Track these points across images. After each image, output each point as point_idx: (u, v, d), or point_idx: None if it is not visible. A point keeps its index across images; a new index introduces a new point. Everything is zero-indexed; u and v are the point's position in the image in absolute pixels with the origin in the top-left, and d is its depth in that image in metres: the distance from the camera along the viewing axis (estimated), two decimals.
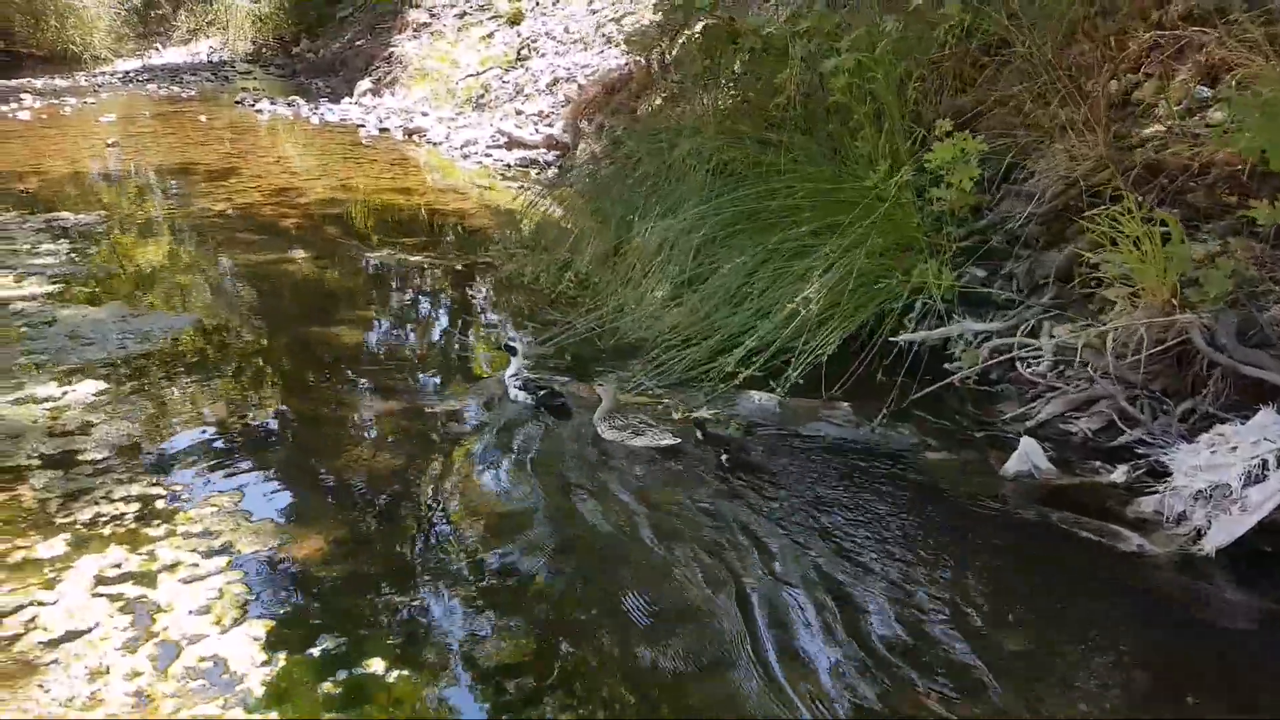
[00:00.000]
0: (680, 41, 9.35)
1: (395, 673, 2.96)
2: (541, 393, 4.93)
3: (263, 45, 26.79)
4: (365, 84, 17.47)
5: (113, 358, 5.48)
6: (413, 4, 18.86)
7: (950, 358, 5.04)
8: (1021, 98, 5.82)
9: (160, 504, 3.96)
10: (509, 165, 11.76)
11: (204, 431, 4.72)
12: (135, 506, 3.93)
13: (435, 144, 13.22)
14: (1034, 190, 5.38)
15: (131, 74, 23.28)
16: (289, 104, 16.70)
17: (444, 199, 10.13)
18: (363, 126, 14.55)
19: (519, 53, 15.01)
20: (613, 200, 7.40)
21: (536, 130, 12.40)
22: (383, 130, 14.27)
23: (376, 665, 2.99)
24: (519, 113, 13.18)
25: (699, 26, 9.48)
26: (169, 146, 12.86)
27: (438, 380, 5.47)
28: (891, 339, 5.10)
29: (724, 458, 4.31)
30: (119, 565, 3.50)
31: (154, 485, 4.12)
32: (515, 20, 16.49)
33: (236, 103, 17.39)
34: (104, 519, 3.84)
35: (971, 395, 4.80)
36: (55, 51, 25.14)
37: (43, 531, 3.74)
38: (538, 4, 16.73)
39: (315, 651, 3.06)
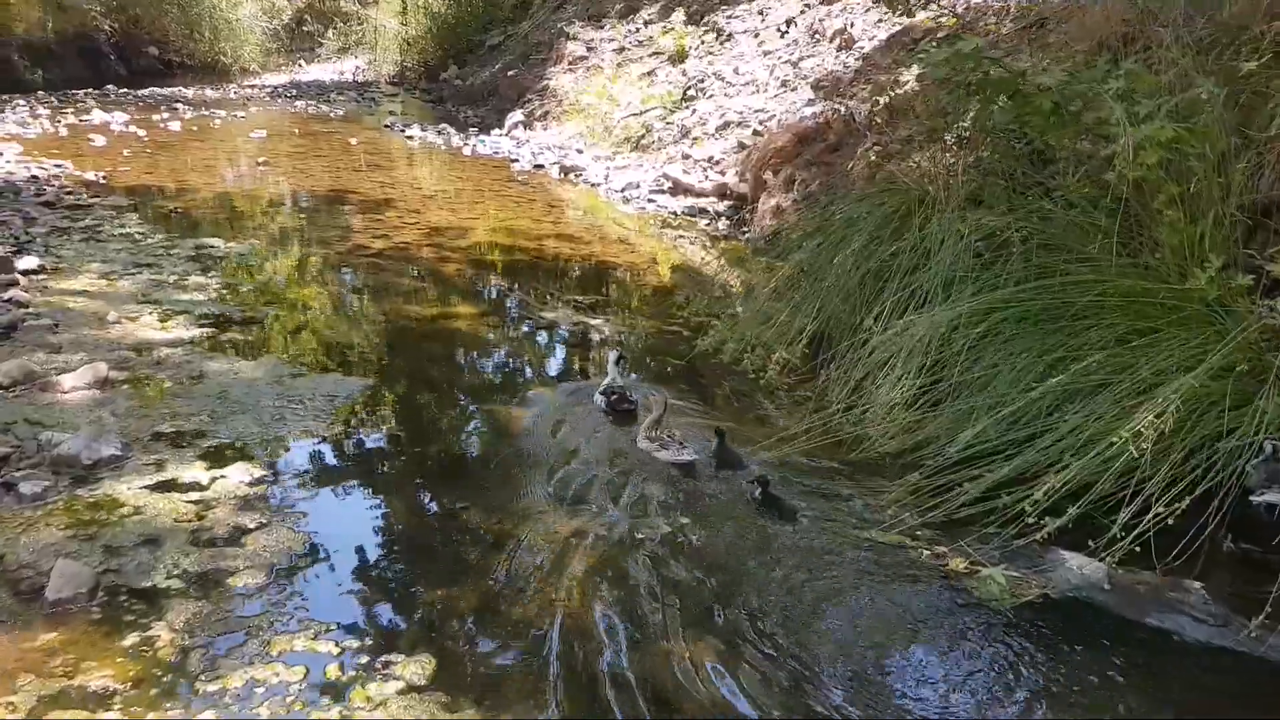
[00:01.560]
0: (899, 92, 8.28)
1: None
2: (613, 397, 5.09)
3: (407, 68, 26.63)
4: (517, 116, 16.82)
5: (268, 433, 4.60)
6: (569, 37, 18.21)
7: None
8: None
9: (331, 669, 3.00)
10: (675, 213, 10.81)
11: (378, 560, 3.77)
12: (299, 672, 2.97)
13: (593, 185, 12.37)
14: None
15: (280, 89, 23.29)
16: (439, 132, 16.13)
17: (611, 249, 9.18)
18: (516, 161, 13.81)
19: (685, 93, 14.10)
20: (829, 272, 6.30)
21: (706, 177, 11.43)
22: (537, 166, 13.50)
23: None
24: (686, 157, 12.24)
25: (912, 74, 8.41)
26: (321, 169, 12.30)
27: (639, 491, 4.36)
28: (1254, 498, 3.83)
29: (756, 493, 4.16)
30: None
31: (322, 636, 3.16)
32: (679, 58, 15.64)
33: (385, 126, 16.94)
34: (261, 690, 2.89)
35: None
36: (206, 62, 25.42)
37: (182, 705, 2.80)
38: (703, 42, 15.85)
39: None
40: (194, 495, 3.96)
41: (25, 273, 6.68)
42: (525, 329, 6.84)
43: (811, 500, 4.25)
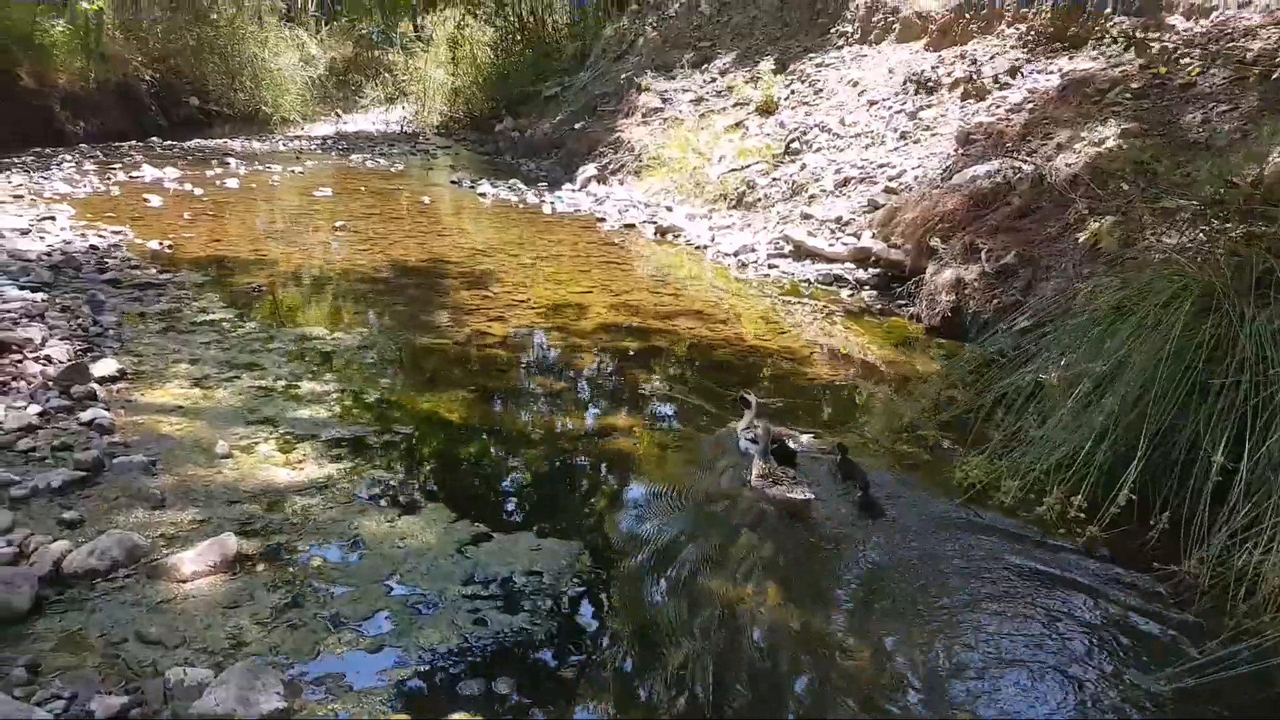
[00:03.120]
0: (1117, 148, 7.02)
1: None
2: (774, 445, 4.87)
3: (453, 119, 25.63)
4: (589, 170, 15.65)
5: (477, 650, 3.28)
6: (642, 88, 17.10)
7: None
8: None
9: None
10: (807, 281, 9.54)
11: None
12: None
13: (698, 247, 11.13)
14: None
15: (328, 140, 22.25)
16: (510, 188, 14.95)
17: (756, 330, 7.87)
18: (602, 220, 12.59)
19: (787, 146, 12.89)
20: (1115, 383, 4.94)
21: (837, 239, 10.17)
22: (627, 226, 12.28)
23: None
24: (806, 217, 10.98)
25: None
26: (402, 234, 11.06)
27: None
28: None
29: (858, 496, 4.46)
30: None
31: None
32: (768, 109, 14.48)
33: (452, 182, 15.76)
34: None
35: None
36: (246, 112, 24.51)
37: None
38: (793, 92, 14.69)
39: None
40: None
41: (103, 380, 5.43)
42: (719, 447, 5.47)
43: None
